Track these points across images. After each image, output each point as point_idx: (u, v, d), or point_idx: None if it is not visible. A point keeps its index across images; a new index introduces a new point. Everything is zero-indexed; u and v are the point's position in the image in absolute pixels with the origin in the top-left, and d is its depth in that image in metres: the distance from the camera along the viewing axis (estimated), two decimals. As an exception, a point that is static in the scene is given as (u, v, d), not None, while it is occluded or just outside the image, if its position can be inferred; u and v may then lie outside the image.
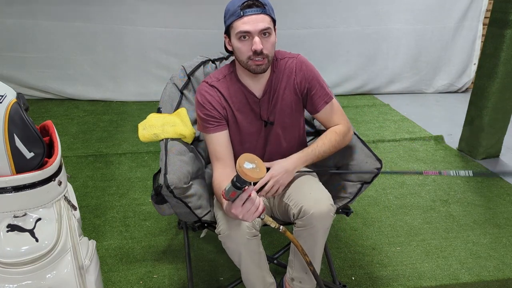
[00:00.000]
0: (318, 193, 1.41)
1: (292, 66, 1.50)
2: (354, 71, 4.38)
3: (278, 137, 1.56)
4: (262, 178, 1.16)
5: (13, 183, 1.06)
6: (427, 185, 2.69)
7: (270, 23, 1.36)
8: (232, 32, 1.37)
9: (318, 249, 1.45)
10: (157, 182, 1.46)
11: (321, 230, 1.39)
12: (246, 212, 1.19)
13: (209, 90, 1.48)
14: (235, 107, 1.49)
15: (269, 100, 1.50)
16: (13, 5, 3.65)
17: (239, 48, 1.37)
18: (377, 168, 1.56)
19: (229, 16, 1.36)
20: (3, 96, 1.05)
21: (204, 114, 1.47)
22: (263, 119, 1.52)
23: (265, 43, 1.35)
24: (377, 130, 3.54)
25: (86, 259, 1.21)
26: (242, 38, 1.35)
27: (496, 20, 2.76)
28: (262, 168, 1.15)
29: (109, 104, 3.97)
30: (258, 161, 1.16)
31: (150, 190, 2.50)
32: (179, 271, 1.88)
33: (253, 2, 1.32)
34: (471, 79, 4.60)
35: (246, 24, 1.32)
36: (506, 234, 2.21)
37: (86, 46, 3.90)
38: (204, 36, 3.96)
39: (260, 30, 1.33)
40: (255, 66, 1.38)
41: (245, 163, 1.13)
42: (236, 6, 1.33)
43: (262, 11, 1.33)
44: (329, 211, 1.36)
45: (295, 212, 1.38)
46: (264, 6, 1.34)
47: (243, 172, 1.11)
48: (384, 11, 4.21)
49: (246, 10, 1.32)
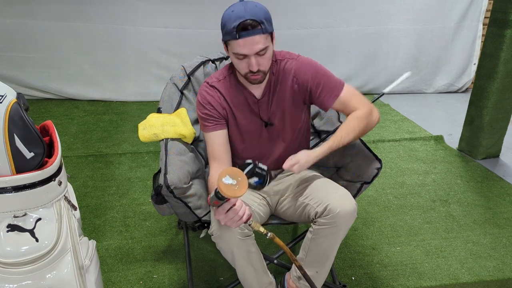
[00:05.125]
0: (344, 193, 1.42)
1: (291, 68, 1.48)
2: (354, 71, 4.38)
3: (279, 138, 1.56)
4: (238, 196, 1.13)
5: (13, 183, 1.06)
6: (427, 185, 2.69)
7: (266, 40, 1.32)
8: (229, 48, 1.36)
9: (335, 248, 1.45)
10: (157, 182, 1.46)
11: (343, 229, 1.40)
12: (229, 220, 1.22)
13: (209, 90, 1.50)
14: (235, 107, 1.50)
15: (269, 101, 1.50)
16: (13, 5, 3.65)
17: (237, 64, 1.38)
18: (377, 168, 1.56)
19: (225, 33, 1.33)
20: (3, 96, 1.05)
21: (204, 114, 1.49)
22: (263, 119, 1.52)
23: (261, 60, 1.35)
24: (377, 130, 3.54)
25: (86, 259, 1.21)
26: (239, 57, 1.34)
27: (496, 20, 2.76)
28: (242, 186, 1.12)
29: (109, 104, 3.97)
30: (242, 178, 1.13)
31: (150, 190, 2.50)
32: (179, 271, 1.88)
33: (249, 23, 1.27)
34: (471, 79, 4.61)
35: (242, 47, 1.30)
36: (506, 234, 2.21)
37: (86, 46, 3.90)
38: (204, 36, 3.96)
39: (256, 52, 1.32)
40: (253, 80, 1.40)
41: (225, 177, 1.11)
42: (232, 27, 1.28)
43: (258, 32, 1.29)
44: (354, 211, 1.37)
45: (319, 211, 1.38)
46: (260, 25, 1.29)
47: (219, 186, 1.11)
48: (384, 11, 4.21)
49: (241, 33, 1.28)
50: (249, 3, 1.32)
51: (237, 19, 1.28)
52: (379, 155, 2.79)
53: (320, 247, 1.43)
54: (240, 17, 1.28)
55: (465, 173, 2.86)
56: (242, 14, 1.28)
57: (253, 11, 1.29)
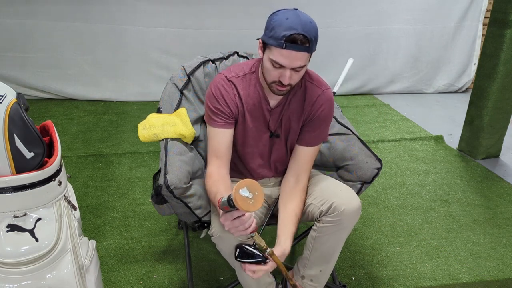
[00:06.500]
0: (349, 191, 1.42)
1: (314, 96, 1.46)
2: (354, 71, 4.37)
3: (282, 150, 1.55)
4: (250, 211, 1.11)
5: (13, 183, 1.05)
6: (427, 185, 2.69)
7: (307, 59, 1.30)
8: (268, 52, 1.30)
9: (340, 246, 1.45)
10: (157, 182, 1.46)
11: (348, 228, 1.40)
12: (233, 228, 1.19)
13: (225, 85, 1.44)
14: (247, 108, 1.46)
15: (281, 113, 1.48)
16: (13, 5, 3.65)
17: (268, 70, 1.33)
18: (377, 168, 1.56)
19: (271, 36, 1.27)
20: (3, 96, 1.05)
21: (215, 108, 1.43)
22: (271, 129, 1.50)
23: (295, 75, 1.32)
24: (377, 130, 3.54)
25: (86, 259, 1.21)
26: (275, 66, 1.30)
27: (496, 20, 2.76)
28: (257, 202, 1.10)
29: (109, 104, 3.97)
30: (260, 193, 1.11)
31: (150, 190, 2.50)
32: (179, 271, 1.88)
33: (300, 38, 1.23)
34: (471, 79, 4.61)
35: (283, 58, 1.26)
36: (506, 234, 2.21)
37: (86, 46, 3.90)
38: (204, 36, 3.96)
39: (294, 67, 1.28)
40: (277, 90, 1.36)
41: (243, 189, 1.08)
42: (281, 35, 1.23)
43: (304, 49, 1.25)
44: (358, 208, 1.37)
45: (324, 209, 1.38)
46: (309, 43, 1.25)
47: (235, 197, 1.08)
48: (384, 11, 4.21)
49: (289, 44, 1.23)
50: (304, 16, 1.28)
51: (290, 29, 1.23)
52: (379, 155, 2.81)
53: (325, 245, 1.43)
54: (293, 28, 1.23)
55: (465, 173, 2.86)
56: (296, 26, 1.23)
57: (308, 27, 1.25)
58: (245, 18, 3.92)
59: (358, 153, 1.58)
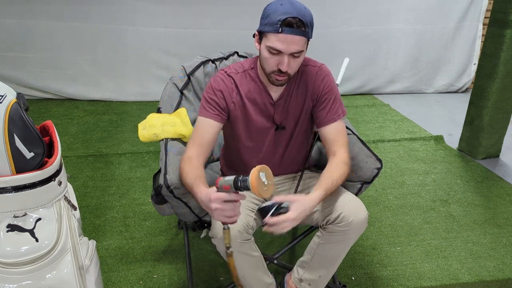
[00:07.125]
0: (357, 202, 1.40)
1: (312, 75, 1.46)
2: (354, 71, 4.38)
3: (287, 142, 1.54)
4: (262, 196, 1.09)
5: (13, 183, 1.05)
6: (427, 185, 2.69)
7: (304, 45, 1.30)
8: (264, 40, 1.31)
9: (343, 255, 1.45)
10: (157, 182, 1.46)
11: (354, 238, 1.39)
12: (220, 209, 1.12)
13: (225, 79, 1.45)
14: (249, 102, 1.46)
15: (284, 105, 1.47)
16: (13, 5, 3.65)
17: (266, 59, 1.33)
18: (377, 168, 1.56)
19: (266, 23, 1.28)
20: (3, 96, 1.05)
21: (210, 98, 1.43)
22: (276, 122, 1.49)
23: (293, 63, 1.32)
24: (377, 130, 3.54)
25: (86, 259, 1.21)
26: (272, 52, 1.30)
27: (496, 20, 2.76)
28: (269, 190, 1.09)
29: (109, 104, 3.97)
30: (272, 183, 1.10)
31: (150, 190, 2.50)
32: (179, 271, 1.88)
33: (295, 21, 1.24)
34: (471, 79, 4.61)
35: (280, 43, 1.27)
36: (506, 234, 2.21)
37: (86, 46, 3.90)
38: (204, 36, 3.96)
39: (292, 52, 1.29)
40: (276, 80, 1.36)
41: (262, 173, 1.08)
42: (277, 20, 1.25)
43: (301, 33, 1.26)
44: (365, 220, 1.36)
45: (331, 219, 1.36)
46: (305, 27, 1.26)
47: (252, 177, 1.06)
48: (385, 11, 4.21)
49: (285, 28, 1.24)
50: (298, 3, 1.29)
51: (285, 13, 1.24)
52: (379, 155, 2.81)
53: (328, 253, 1.43)
54: (288, 13, 1.24)
55: (465, 173, 2.86)
56: (291, 11, 1.25)
57: (302, 12, 1.26)
58: (245, 18, 3.91)
59: (358, 153, 1.58)
